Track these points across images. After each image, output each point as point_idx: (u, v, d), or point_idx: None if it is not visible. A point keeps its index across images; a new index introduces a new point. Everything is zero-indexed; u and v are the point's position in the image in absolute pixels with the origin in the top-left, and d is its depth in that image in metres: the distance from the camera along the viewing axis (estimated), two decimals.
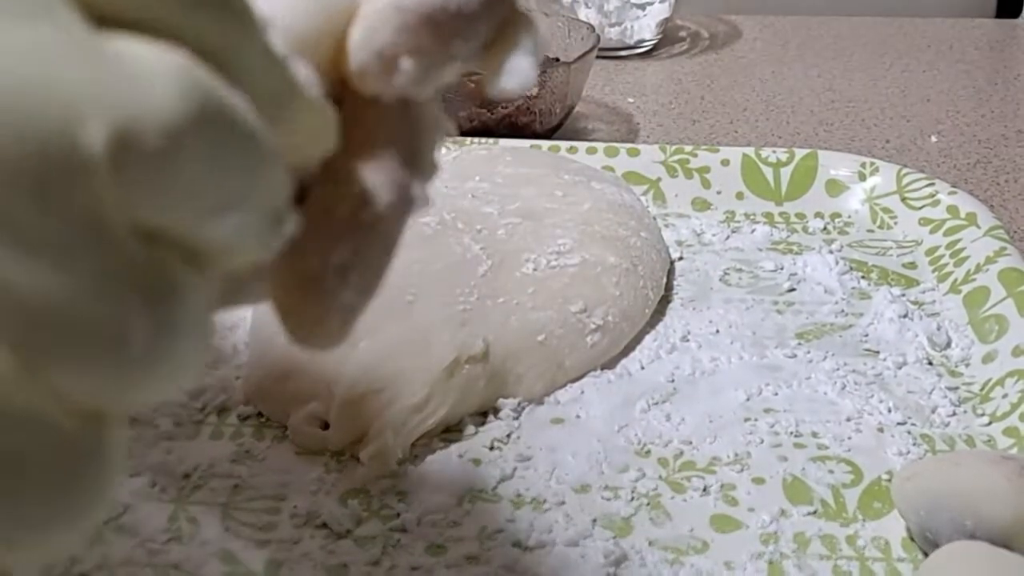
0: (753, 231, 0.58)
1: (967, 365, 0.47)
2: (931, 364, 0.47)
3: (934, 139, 0.75)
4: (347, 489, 0.40)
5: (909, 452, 0.42)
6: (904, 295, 0.52)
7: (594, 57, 0.73)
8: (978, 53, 0.94)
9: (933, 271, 0.54)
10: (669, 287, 0.53)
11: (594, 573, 0.36)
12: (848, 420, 0.44)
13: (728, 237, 0.58)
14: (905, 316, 0.50)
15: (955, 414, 0.44)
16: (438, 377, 0.42)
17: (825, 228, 0.59)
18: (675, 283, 0.54)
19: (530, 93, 0.69)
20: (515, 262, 0.48)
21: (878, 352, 0.48)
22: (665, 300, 0.52)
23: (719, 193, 0.61)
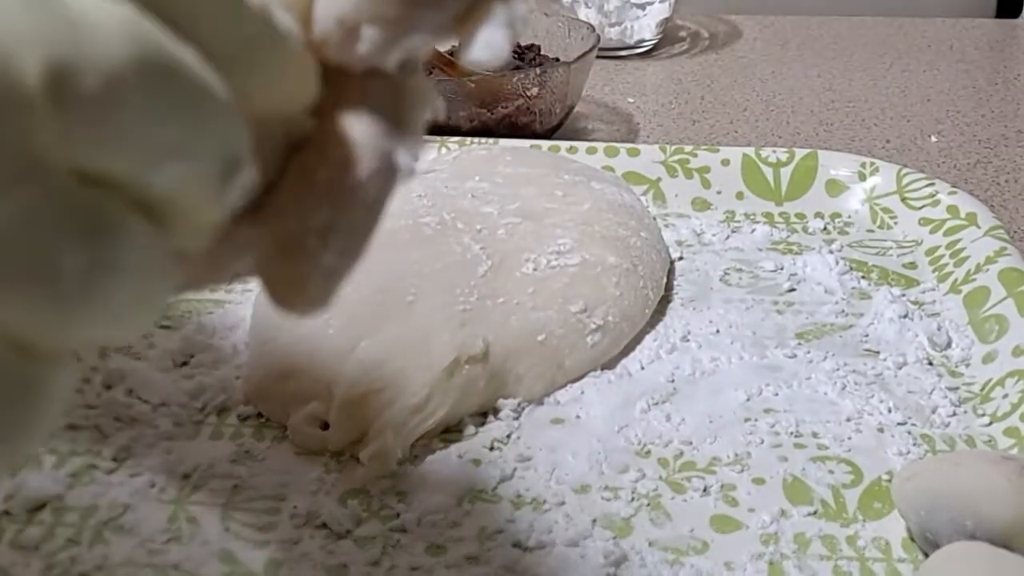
0: (753, 231, 0.58)
1: (967, 365, 0.47)
2: (931, 364, 0.47)
3: (934, 139, 0.75)
4: (347, 489, 0.40)
5: (909, 452, 0.42)
6: (904, 295, 0.52)
7: (594, 57, 0.73)
8: (978, 53, 0.94)
9: (933, 271, 0.54)
10: (669, 287, 0.53)
11: (594, 573, 0.36)
12: (848, 420, 0.44)
13: (728, 237, 0.58)
14: (905, 316, 0.50)
15: (955, 414, 0.44)
16: (438, 377, 0.42)
17: (825, 228, 0.59)
18: (675, 283, 0.54)
19: (530, 93, 0.69)
20: (515, 262, 0.48)
21: (878, 352, 0.48)
22: (665, 300, 0.52)
23: (719, 193, 0.61)
